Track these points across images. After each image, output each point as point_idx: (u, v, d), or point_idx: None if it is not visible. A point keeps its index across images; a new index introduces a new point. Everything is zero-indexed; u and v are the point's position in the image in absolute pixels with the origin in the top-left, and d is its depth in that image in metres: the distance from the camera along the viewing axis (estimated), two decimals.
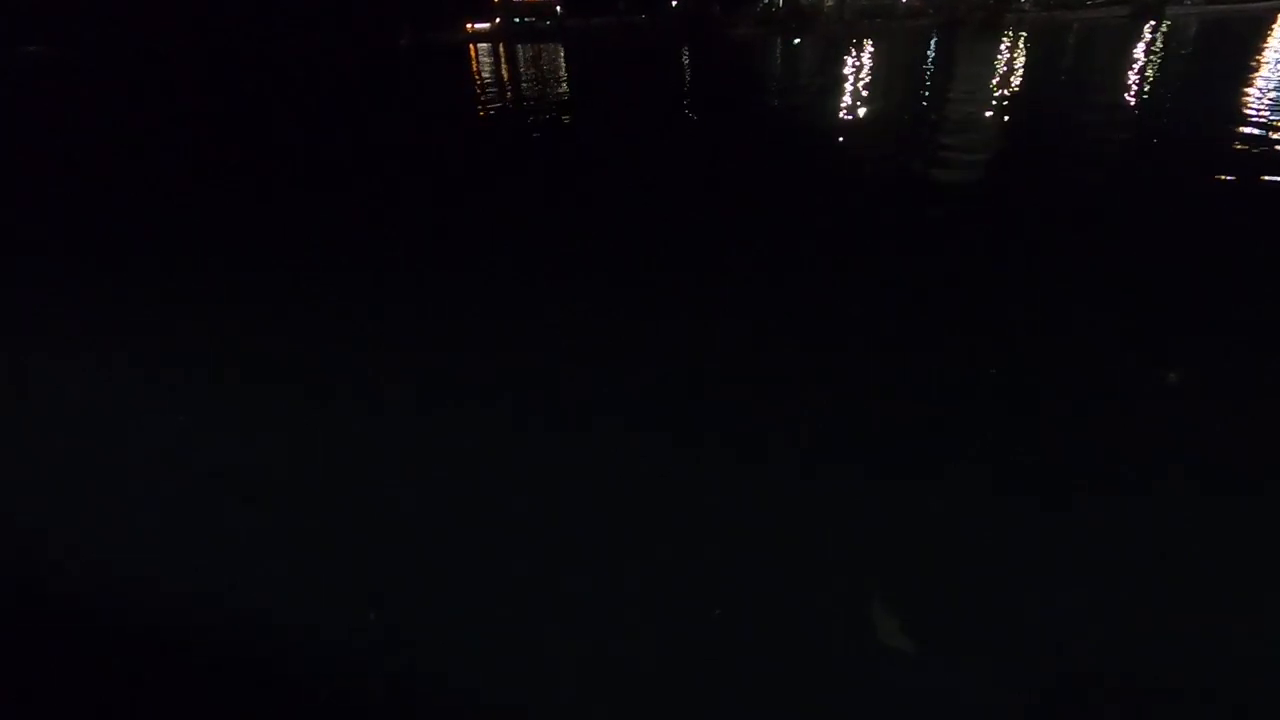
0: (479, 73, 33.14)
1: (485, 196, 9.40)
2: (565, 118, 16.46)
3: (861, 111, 14.49)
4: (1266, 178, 7.77)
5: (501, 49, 61.41)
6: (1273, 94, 13.19)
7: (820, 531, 3.02)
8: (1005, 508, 3.13)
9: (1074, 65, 22.65)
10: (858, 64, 26.30)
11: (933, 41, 37.92)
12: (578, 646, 2.54)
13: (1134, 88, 15.47)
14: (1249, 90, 13.80)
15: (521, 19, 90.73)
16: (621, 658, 2.49)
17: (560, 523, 3.16)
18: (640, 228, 7.56)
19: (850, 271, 6.01)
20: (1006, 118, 12.48)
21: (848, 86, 18.99)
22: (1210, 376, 4.13)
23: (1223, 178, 7.96)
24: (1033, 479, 3.30)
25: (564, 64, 36.33)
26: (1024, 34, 41.29)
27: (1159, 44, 27.72)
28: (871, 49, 34.97)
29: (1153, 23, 45.17)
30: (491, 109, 18.66)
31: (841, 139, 12.12)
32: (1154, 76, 17.29)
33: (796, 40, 49.45)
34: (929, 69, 22.77)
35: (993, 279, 5.64)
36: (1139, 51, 24.38)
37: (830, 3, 69.47)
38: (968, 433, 3.65)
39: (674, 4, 78.70)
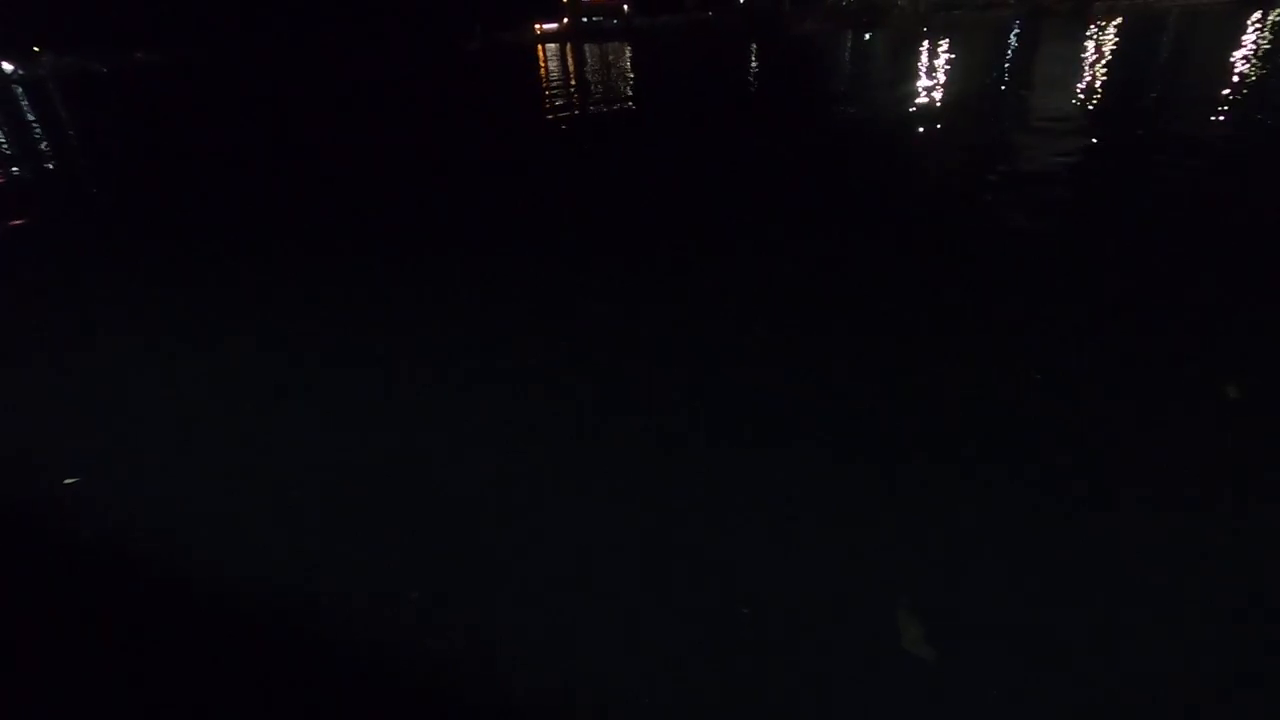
0: (546, 72, 33.72)
1: (532, 193, 9.67)
2: (623, 117, 16.61)
3: (936, 119, 14.04)
4: None
5: (568, 49, 62.16)
6: None
7: (825, 532, 3.04)
8: (1019, 512, 3.08)
9: (1174, 61, 21.20)
10: (933, 61, 25.41)
11: (1014, 34, 36.18)
12: (589, 638, 2.63)
13: (1238, 89, 14.35)
14: None
15: (589, 18, 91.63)
16: (622, 655, 2.56)
17: (561, 520, 3.25)
18: (684, 227, 7.64)
19: (873, 275, 5.95)
20: (1097, 132, 11.74)
21: (921, 89, 18.38)
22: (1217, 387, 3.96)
23: None
24: (1048, 483, 3.25)
25: (629, 63, 36.51)
26: (1117, 24, 38.87)
27: (1269, 36, 25.58)
28: (948, 44, 33.66)
29: (1261, 10, 41.68)
30: (556, 108, 19.00)
31: (910, 150, 11.78)
32: (1260, 77, 16.00)
33: (868, 35, 48.09)
34: (1008, 68, 21.76)
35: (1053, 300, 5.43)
36: (1246, 45, 22.57)
37: None
38: (991, 438, 3.61)
39: (742, 0, 77.85)
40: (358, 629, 2.76)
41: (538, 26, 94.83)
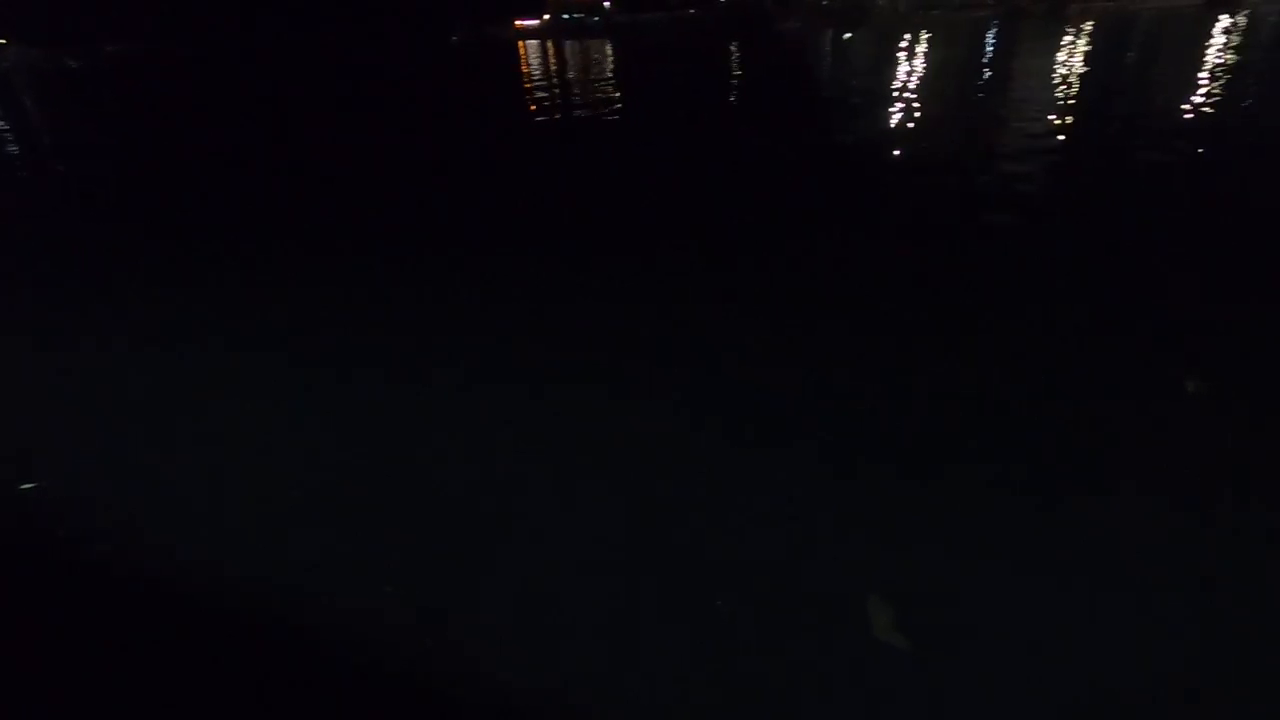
0: (531, 71, 33.54)
1: (511, 193, 9.65)
2: (617, 117, 16.58)
3: (907, 111, 14.19)
4: None
5: (549, 46, 61.88)
6: None
7: (826, 532, 3.09)
8: (1019, 512, 3.14)
9: (1151, 60, 21.62)
10: (918, 60, 25.67)
11: (991, 35, 36.67)
12: (589, 638, 2.66)
13: (1204, 89, 14.68)
14: None
15: (570, 15, 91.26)
16: (623, 655, 2.59)
17: (561, 520, 3.28)
18: (670, 228, 7.66)
19: (864, 275, 6.02)
20: (1070, 129, 11.94)
21: (909, 88, 18.56)
22: (1216, 384, 4.05)
23: None
24: (1040, 483, 3.31)
25: (615, 62, 36.41)
26: (1089, 25, 39.57)
27: (1236, 38, 26.20)
28: (927, 43, 34.05)
29: (1227, 14, 42.64)
30: (548, 109, 18.91)
31: (902, 149, 11.88)
32: (1226, 77, 16.38)
33: (848, 35, 48.45)
34: (986, 67, 22.05)
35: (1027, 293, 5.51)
36: (1214, 46, 23.10)
37: None
38: (983, 438, 3.67)
39: None
40: (357, 629, 2.77)
41: (518, 23, 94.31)
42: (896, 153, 10.95)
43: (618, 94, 20.96)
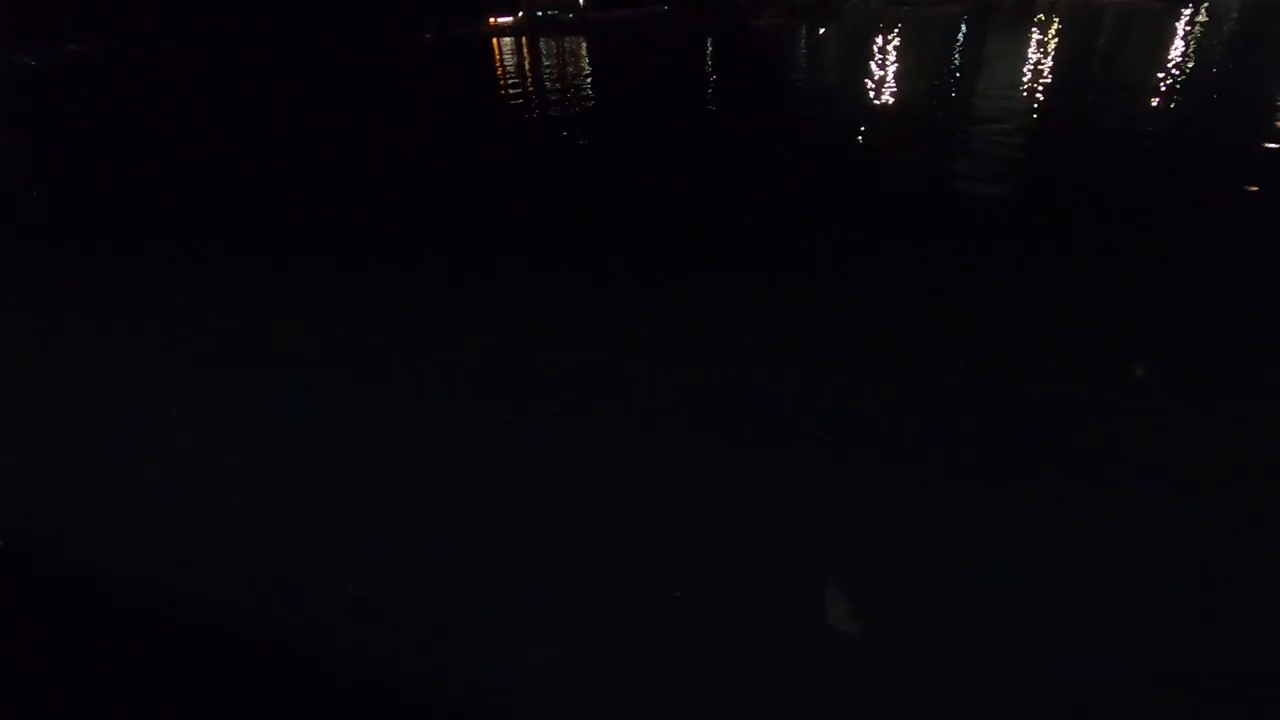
0: (502, 67, 33.27)
1: (500, 195, 9.62)
2: (610, 117, 16.51)
3: (887, 106, 14.33)
4: None
5: (524, 42, 61.48)
6: None
7: (825, 533, 3.13)
8: (1019, 512, 3.19)
9: (1111, 55, 22.06)
10: (887, 55, 25.92)
11: (963, 30, 37.15)
12: (587, 637, 2.70)
13: (1168, 81, 15.03)
14: None
15: (544, 12, 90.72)
16: (621, 655, 2.62)
17: (561, 520, 3.32)
18: (655, 225, 7.69)
19: (854, 271, 6.09)
20: (1040, 116, 12.16)
21: (877, 82, 18.73)
22: (1214, 383, 4.11)
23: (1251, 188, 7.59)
24: (1039, 482, 3.36)
25: (592, 60, 36.26)
26: (1057, 21, 40.24)
27: (1197, 32, 26.86)
28: (901, 38, 34.39)
29: (1189, 9, 43.65)
30: (538, 109, 18.79)
31: (862, 139, 11.96)
32: (1189, 68, 16.79)
33: (822, 30, 48.76)
34: (958, 60, 22.34)
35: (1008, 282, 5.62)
36: (1176, 40, 23.66)
37: None
38: (974, 432, 3.73)
39: None
40: (357, 629, 2.79)
41: (492, 20, 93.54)
42: (887, 149, 11.01)
43: (605, 93, 20.87)
